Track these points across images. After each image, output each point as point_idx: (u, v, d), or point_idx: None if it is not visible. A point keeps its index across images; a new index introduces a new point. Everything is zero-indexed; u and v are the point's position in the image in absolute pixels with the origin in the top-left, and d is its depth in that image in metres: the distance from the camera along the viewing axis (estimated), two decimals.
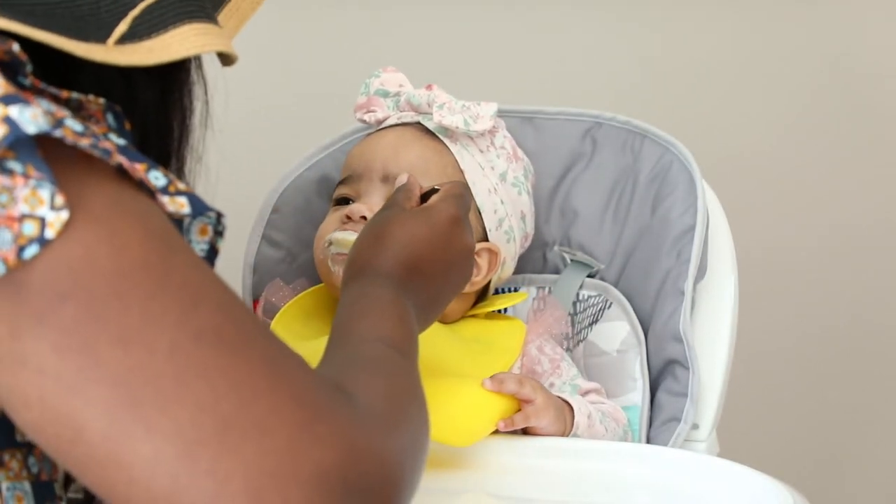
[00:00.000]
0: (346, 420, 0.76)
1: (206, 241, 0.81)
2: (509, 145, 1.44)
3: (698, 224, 1.44)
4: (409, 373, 0.91)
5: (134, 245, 0.73)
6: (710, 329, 1.46)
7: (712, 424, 1.42)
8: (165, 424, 0.71)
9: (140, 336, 0.72)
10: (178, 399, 0.72)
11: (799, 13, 2.13)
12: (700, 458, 1.22)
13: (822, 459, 2.24)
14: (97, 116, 0.79)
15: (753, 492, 1.13)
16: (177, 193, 0.78)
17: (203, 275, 0.76)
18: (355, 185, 1.39)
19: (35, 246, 0.71)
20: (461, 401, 1.24)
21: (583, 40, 2.15)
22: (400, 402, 0.84)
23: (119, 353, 0.71)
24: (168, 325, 0.72)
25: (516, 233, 1.43)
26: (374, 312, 0.98)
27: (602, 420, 1.33)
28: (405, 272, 1.05)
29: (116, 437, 0.71)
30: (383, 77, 1.45)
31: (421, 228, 1.10)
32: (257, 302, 1.50)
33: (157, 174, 0.77)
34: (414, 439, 0.83)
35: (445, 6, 2.13)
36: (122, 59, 0.79)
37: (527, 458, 1.22)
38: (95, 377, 0.71)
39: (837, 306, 2.20)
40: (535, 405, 1.25)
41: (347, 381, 0.82)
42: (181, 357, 0.72)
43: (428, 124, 1.41)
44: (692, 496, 1.15)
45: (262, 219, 1.55)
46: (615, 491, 1.18)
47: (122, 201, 0.74)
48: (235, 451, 0.72)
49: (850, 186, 2.18)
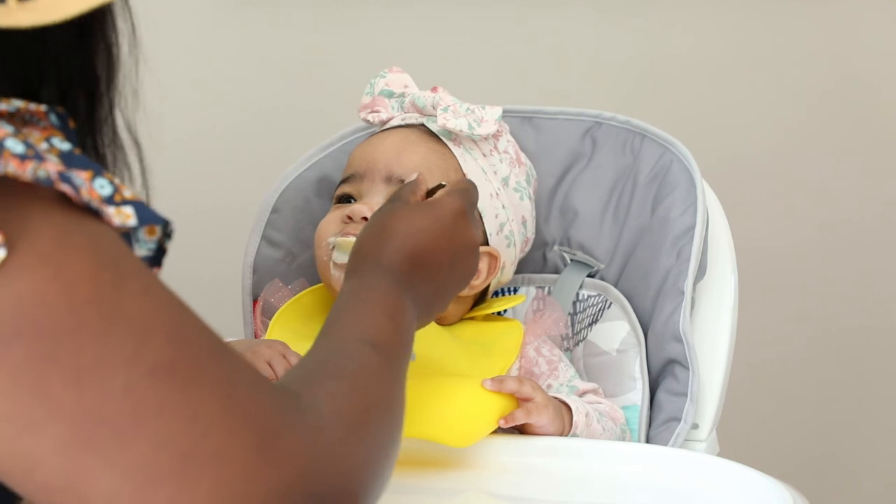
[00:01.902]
0: (302, 437, 0.75)
1: (153, 241, 0.78)
2: (512, 150, 1.44)
3: (698, 223, 1.44)
4: (384, 376, 0.90)
5: (84, 280, 0.71)
6: (710, 329, 1.46)
7: (712, 424, 1.42)
8: (123, 461, 0.70)
9: (94, 376, 0.70)
10: (135, 437, 0.70)
11: (799, 13, 2.13)
12: (700, 458, 1.22)
13: (822, 459, 2.24)
14: (39, 116, 0.76)
15: (754, 492, 1.13)
16: (123, 203, 0.74)
17: (156, 300, 0.74)
18: (357, 185, 1.39)
19: None
20: (460, 401, 1.24)
21: (583, 40, 2.15)
22: (367, 411, 0.83)
23: (73, 394, 0.70)
24: (122, 362, 0.71)
25: (517, 237, 1.43)
26: (364, 309, 0.96)
27: (599, 419, 1.33)
28: (407, 264, 1.04)
29: (73, 474, 0.70)
30: (389, 77, 1.45)
31: (425, 220, 1.08)
32: (257, 302, 1.50)
33: (103, 182, 0.74)
34: (380, 448, 0.82)
35: (446, 6, 2.13)
36: (26, 19, 0.74)
37: (526, 457, 1.22)
38: (49, 417, 0.70)
39: (837, 306, 2.20)
40: (536, 402, 1.25)
41: (314, 387, 0.81)
42: (136, 395, 0.71)
43: (432, 126, 1.41)
44: (692, 496, 1.15)
45: (262, 219, 1.54)
46: (615, 491, 1.18)
47: (68, 232, 0.72)
48: (194, 484, 0.71)
49: (850, 186, 2.18)
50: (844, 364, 2.22)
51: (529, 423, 1.25)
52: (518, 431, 1.27)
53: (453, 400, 1.23)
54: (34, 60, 0.79)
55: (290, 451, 0.74)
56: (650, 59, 2.14)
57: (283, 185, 1.55)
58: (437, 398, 1.21)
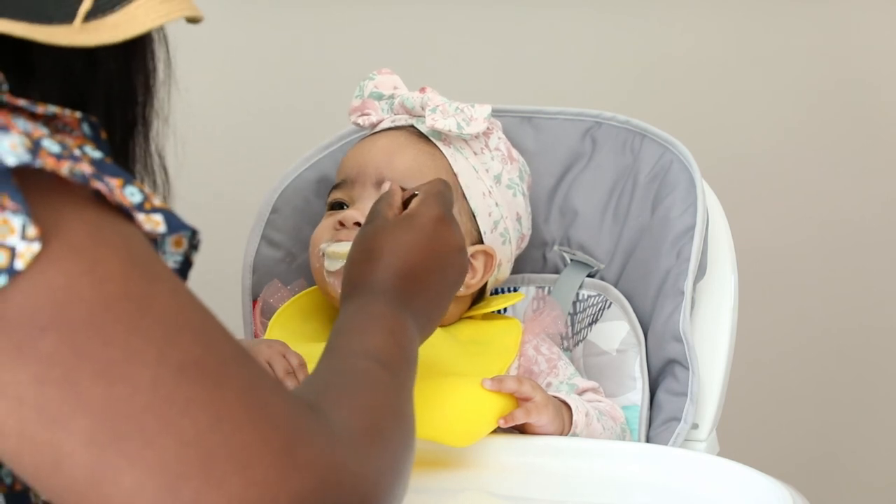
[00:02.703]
0: (323, 445, 0.76)
1: (180, 253, 0.79)
2: (504, 147, 1.44)
3: (698, 223, 1.44)
4: (392, 388, 0.91)
5: (115, 276, 0.72)
6: (710, 329, 1.46)
7: (712, 424, 1.42)
8: (149, 458, 0.71)
9: (122, 370, 0.71)
10: (162, 433, 0.71)
11: (800, 13, 2.13)
12: (701, 458, 1.22)
13: (822, 459, 2.24)
14: (72, 125, 0.78)
15: (754, 491, 1.13)
16: (152, 211, 0.76)
17: (183, 301, 0.75)
18: (349, 191, 1.39)
19: (3, 276, 0.70)
20: (460, 401, 1.24)
21: (583, 40, 2.15)
22: (378, 422, 0.84)
23: (101, 387, 0.71)
24: (150, 359, 0.72)
25: (512, 235, 1.43)
26: (364, 328, 0.98)
27: (599, 418, 1.33)
28: (400, 282, 1.05)
29: (98, 468, 0.71)
30: (378, 79, 1.45)
31: (407, 236, 1.10)
32: (256, 302, 1.50)
33: (133, 190, 0.76)
34: (394, 458, 0.83)
35: (446, 6, 2.13)
36: (90, 39, 0.77)
37: (527, 457, 1.22)
38: (77, 409, 0.71)
39: (837, 306, 2.20)
40: (535, 402, 1.25)
41: (326, 400, 0.82)
42: (163, 392, 0.72)
43: (421, 128, 1.40)
44: (692, 496, 1.15)
45: (262, 219, 1.54)
46: (615, 491, 1.18)
47: (101, 229, 0.73)
48: (219, 484, 0.71)
49: (850, 186, 2.18)
50: (844, 364, 2.22)
51: (529, 423, 1.25)
52: (518, 431, 1.27)
53: (453, 400, 1.23)
54: (85, 81, 0.81)
55: (313, 458, 0.75)
56: (650, 59, 2.14)
57: (283, 186, 1.55)
58: (437, 398, 1.21)
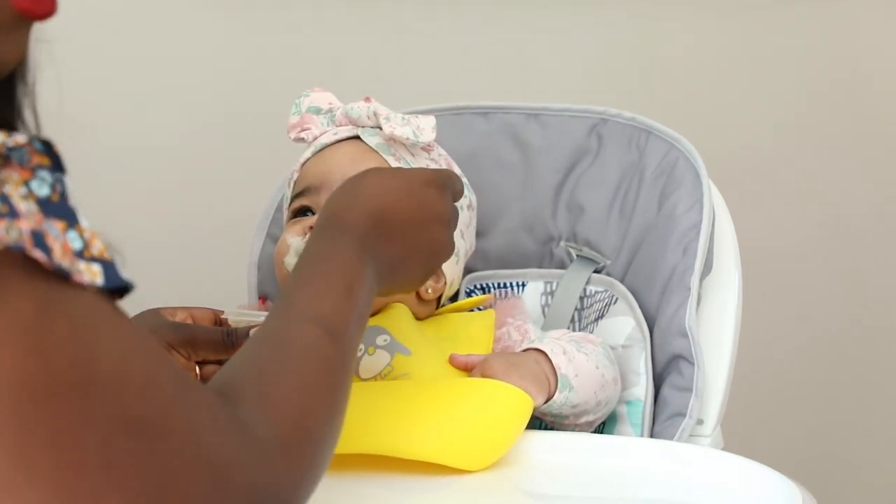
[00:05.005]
0: (252, 465, 0.79)
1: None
2: (444, 161, 1.43)
3: (704, 220, 1.44)
4: (334, 367, 0.92)
5: (62, 348, 0.72)
6: (715, 325, 1.46)
7: (717, 420, 1.42)
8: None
9: (71, 436, 0.72)
10: (111, 490, 0.73)
11: (805, 13, 2.13)
12: (712, 454, 1.23)
13: (823, 456, 2.25)
14: (27, 148, 0.75)
15: (765, 488, 1.14)
16: (91, 260, 0.75)
17: (128, 354, 0.75)
18: (314, 197, 1.37)
19: None
20: (472, 423, 1.21)
21: (589, 37, 2.15)
22: (310, 427, 0.86)
23: (51, 454, 0.72)
24: (98, 421, 0.73)
25: (460, 251, 1.41)
26: (321, 285, 0.97)
27: (579, 348, 1.33)
28: (372, 222, 1.04)
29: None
30: (313, 96, 1.44)
31: (393, 180, 1.09)
32: (263, 298, 1.50)
33: (74, 235, 0.75)
34: (321, 458, 0.86)
35: (447, 5, 2.13)
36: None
37: (559, 454, 1.23)
38: (29, 481, 0.72)
39: (841, 303, 2.21)
40: (493, 369, 1.26)
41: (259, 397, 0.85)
42: (112, 451, 0.73)
43: (369, 139, 1.39)
44: (703, 491, 1.15)
45: (267, 217, 1.55)
46: (621, 487, 1.19)
47: (46, 302, 0.72)
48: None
49: (854, 184, 2.18)
50: (847, 362, 2.22)
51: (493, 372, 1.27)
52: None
53: (465, 423, 1.21)
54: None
55: (243, 483, 0.78)
56: (656, 56, 2.15)
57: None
58: (446, 423, 1.20)
